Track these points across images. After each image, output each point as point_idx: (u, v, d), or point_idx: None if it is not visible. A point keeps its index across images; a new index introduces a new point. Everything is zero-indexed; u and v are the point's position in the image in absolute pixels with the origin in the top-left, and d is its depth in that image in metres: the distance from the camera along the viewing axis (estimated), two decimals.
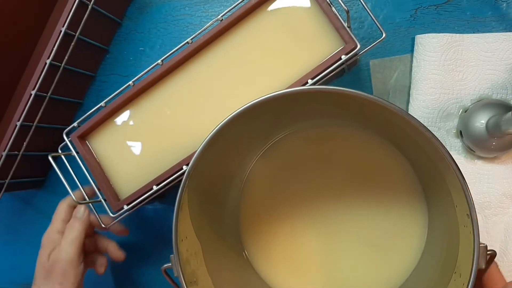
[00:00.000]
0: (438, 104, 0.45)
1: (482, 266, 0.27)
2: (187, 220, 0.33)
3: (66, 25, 0.45)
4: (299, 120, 0.40)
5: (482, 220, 0.44)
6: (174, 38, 0.52)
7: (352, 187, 0.41)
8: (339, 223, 0.41)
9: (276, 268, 0.41)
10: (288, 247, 0.42)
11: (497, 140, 0.42)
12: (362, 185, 0.41)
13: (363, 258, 0.40)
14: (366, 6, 0.38)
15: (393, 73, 0.47)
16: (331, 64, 0.38)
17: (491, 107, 0.42)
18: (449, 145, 0.45)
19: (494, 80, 0.44)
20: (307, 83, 0.38)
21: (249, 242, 0.42)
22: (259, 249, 0.42)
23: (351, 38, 0.37)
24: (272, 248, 0.42)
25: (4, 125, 0.50)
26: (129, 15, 0.53)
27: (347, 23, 0.38)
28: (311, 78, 0.38)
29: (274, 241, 0.42)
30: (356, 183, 0.41)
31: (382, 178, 0.40)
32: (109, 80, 0.54)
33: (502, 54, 0.43)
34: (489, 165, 0.44)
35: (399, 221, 0.39)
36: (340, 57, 0.38)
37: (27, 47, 0.51)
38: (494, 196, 0.44)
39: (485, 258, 0.27)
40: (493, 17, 0.45)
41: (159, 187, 0.41)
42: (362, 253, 0.40)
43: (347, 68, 0.45)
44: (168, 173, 0.41)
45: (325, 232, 0.41)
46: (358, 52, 0.37)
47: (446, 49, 0.44)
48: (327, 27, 0.39)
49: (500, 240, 0.44)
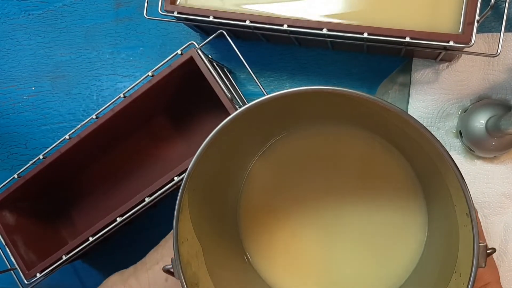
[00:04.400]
0: (437, 104, 0.45)
1: (482, 265, 0.27)
2: (188, 221, 0.33)
3: None
4: (299, 120, 0.40)
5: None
6: (174, 39, 0.52)
7: (352, 187, 0.41)
8: (339, 223, 0.41)
9: (277, 269, 0.41)
10: (289, 247, 0.42)
11: (496, 140, 0.42)
12: (362, 186, 0.41)
13: (363, 258, 0.40)
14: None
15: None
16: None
17: (491, 107, 0.42)
18: (449, 145, 0.45)
19: (493, 80, 0.44)
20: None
21: (250, 242, 0.42)
22: (260, 249, 0.42)
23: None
24: (272, 248, 0.42)
25: None
26: (130, 15, 0.53)
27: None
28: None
29: (275, 242, 0.42)
30: (356, 183, 0.41)
31: (382, 178, 0.40)
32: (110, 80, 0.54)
33: (502, 54, 0.43)
34: (488, 165, 0.44)
35: (399, 220, 0.39)
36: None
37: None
38: (493, 196, 0.44)
39: (485, 257, 0.27)
40: (492, 17, 0.45)
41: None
42: (362, 253, 0.40)
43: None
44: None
45: (325, 232, 0.41)
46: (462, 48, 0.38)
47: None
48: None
49: (499, 240, 0.44)
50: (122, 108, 0.43)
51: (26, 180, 0.46)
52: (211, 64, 0.42)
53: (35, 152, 0.55)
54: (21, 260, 0.45)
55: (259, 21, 0.41)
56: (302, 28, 0.40)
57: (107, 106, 0.44)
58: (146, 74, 0.43)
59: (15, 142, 0.56)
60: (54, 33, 0.55)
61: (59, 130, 0.55)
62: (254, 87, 0.50)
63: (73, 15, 0.55)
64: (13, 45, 0.56)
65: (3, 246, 0.46)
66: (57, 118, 0.55)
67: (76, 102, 0.55)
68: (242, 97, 0.49)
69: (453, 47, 0.38)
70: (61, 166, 0.46)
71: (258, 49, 0.50)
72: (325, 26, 0.40)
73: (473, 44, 0.37)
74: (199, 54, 0.42)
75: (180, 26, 0.52)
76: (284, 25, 0.40)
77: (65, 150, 0.45)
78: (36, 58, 0.56)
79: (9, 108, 0.56)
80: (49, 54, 0.55)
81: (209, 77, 0.41)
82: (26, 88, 0.56)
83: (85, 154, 0.48)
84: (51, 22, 0.55)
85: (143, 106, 0.44)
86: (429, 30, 0.38)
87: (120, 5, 0.54)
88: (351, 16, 0.41)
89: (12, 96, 0.56)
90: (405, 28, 0.38)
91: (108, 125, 0.44)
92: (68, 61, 0.55)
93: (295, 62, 0.49)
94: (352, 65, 0.48)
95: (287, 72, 0.50)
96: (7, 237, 0.46)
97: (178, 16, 0.43)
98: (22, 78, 0.56)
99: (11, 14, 0.56)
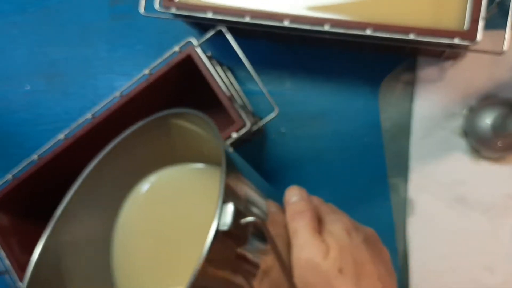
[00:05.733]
0: (442, 103, 0.44)
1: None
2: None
3: None
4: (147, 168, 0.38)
5: (487, 222, 0.44)
6: (172, 36, 0.51)
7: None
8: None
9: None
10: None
11: (502, 140, 0.42)
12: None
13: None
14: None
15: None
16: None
17: (497, 106, 0.42)
18: (454, 145, 0.45)
19: (500, 79, 0.43)
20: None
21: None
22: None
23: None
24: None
25: None
26: (126, 12, 0.53)
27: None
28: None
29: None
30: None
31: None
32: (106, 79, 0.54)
33: (508, 52, 0.43)
34: (494, 165, 0.44)
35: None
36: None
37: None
38: (499, 197, 0.43)
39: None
40: (498, 14, 0.44)
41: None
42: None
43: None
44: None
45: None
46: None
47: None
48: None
49: (506, 242, 0.43)
50: (119, 107, 0.43)
51: (21, 180, 0.45)
52: (210, 62, 0.41)
53: (30, 152, 0.54)
54: (15, 262, 0.44)
55: (259, 17, 0.40)
56: (304, 24, 0.40)
57: (103, 105, 0.43)
58: (143, 73, 0.42)
59: (10, 142, 0.55)
60: (49, 30, 0.55)
61: (55, 130, 0.54)
62: (254, 86, 0.50)
63: (69, 12, 0.54)
64: (8, 43, 0.55)
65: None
66: (53, 117, 0.54)
67: (72, 101, 0.54)
68: (242, 96, 0.48)
69: (458, 44, 0.37)
70: (56, 167, 0.46)
71: (258, 47, 0.49)
72: (327, 23, 0.39)
73: (479, 42, 0.37)
74: (197, 51, 0.41)
75: (177, 23, 0.51)
76: (285, 21, 0.40)
77: (61, 150, 0.44)
78: (31, 56, 0.55)
79: (3, 108, 0.55)
80: (44, 52, 0.55)
81: (208, 75, 0.41)
82: (21, 87, 0.55)
83: (81, 154, 0.47)
84: (46, 19, 0.55)
85: (140, 105, 0.44)
86: (433, 27, 0.38)
87: (116, 2, 0.53)
88: (354, 12, 0.40)
89: (6, 95, 0.55)
90: (410, 25, 0.38)
91: (105, 124, 0.43)
92: (64, 59, 0.54)
93: (296, 60, 0.49)
94: (354, 64, 0.47)
95: (288, 71, 0.49)
96: (1, 239, 0.45)
97: (176, 13, 0.43)
98: (17, 76, 0.55)
99: (5, 10, 0.56)
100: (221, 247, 0.23)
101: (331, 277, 0.27)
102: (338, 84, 0.48)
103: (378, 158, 0.47)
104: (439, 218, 0.45)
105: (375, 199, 0.47)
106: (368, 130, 0.47)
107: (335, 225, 0.29)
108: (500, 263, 0.43)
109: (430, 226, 0.45)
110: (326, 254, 0.27)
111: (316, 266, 0.27)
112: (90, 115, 0.43)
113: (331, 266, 0.27)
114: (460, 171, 0.44)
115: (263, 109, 0.49)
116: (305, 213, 0.29)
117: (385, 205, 0.47)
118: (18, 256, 0.45)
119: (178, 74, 0.44)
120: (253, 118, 0.44)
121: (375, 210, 0.47)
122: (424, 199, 0.45)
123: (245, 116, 0.41)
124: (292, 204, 0.30)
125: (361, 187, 0.47)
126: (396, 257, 0.46)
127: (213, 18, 0.41)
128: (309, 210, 0.30)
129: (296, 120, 0.48)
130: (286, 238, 0.29)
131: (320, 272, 0.27)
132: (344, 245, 0.28)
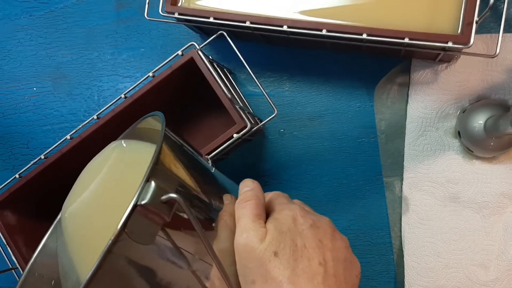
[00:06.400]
0: (436, 104, 0.45)
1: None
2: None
3: None
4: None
5: (480, 220, 0.44)
6: (175, 39, 0.52)
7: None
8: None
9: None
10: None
11: (495, 140, 0.42)
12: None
13: None
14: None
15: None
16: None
17: (490, 107, 0.43)
18: (447, 145, 0.45)
19: (492, 81, 0.44)
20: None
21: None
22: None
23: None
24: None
25: None
26: (131, 16, 0.54)
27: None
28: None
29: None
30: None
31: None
32: (111, 81, 0.54)
33: (500, 55, 0.43)
34: (487, 165, 0.44)
35: None
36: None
37: None
38: (492, 196, 0.44)
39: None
40: (491, 18, 0.45)
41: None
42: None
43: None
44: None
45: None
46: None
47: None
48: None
49: (499, 240, 0.44)
50: (123, 108, 0.43)
51: (28, 180, 0.46)
52: (212, 65, 0.42)
53: (37, 152, 0.55)
54: (22, 260, 0.45)
55: (259, 22, 0.41)
56: (302, 29, 0.41)
57: (108, 107, 0.44)
58: (147, 75, 0.43)
59: (17, 142, 0.56)
60: (55, 34, 0.56)
61: (60, 130, 0.55)
62: (254, 88, 0.51)
63: (74, 16, 0.55)
64: (15, 46, 0.57)
65: (4, 245, 0.46)
66: (59, 118, 0.55)
67: (77, 103, 0.55)
68: (243, 97, 0.49)
69: (452, 48, 0.38)
70: (62, 166, 0.46)
71: (258, 50, 0.50)
72: (324, 27, 0.40)
73: (472, 45, 0.37)
74: (199, 54, 0.42)
75: (180, 27, 0.52)
76: (284, 26, 0.41)
77: (66, 150, 0.45)
78: (37, 59, 0.56)
79: (10, 109, 0.56)
80: (50, 55, 0.56)
81: (210, 77, 0.42)
82: (27, 88, 0.56)
83: (86, 154, 0.47)
84: (52, 23, 0.56)
85: (144, 106, 0.44)
86: (428, 31, 0.39)
87: (121, 6, 0.54)
88: (350, 17, 0.41)
89: (13, 96, 0.56)
90: (404, 29, 0.39)
91: (109, 125, 0.44)
92: (70, 62, 0.55)
93: (295, 62, 0.50)
94: (351, 66, 0.48)
95: (287, 73, 0.50)
96: (8, 237, 0.46)
97: (179, 17, 0.43)
98: (23, 78, 0.56)
99: (12, 15, 0.57)
100: (142, 221, 0.24)
101: (266, 260, 0.27)
102: (335, 86, 0.48)
103: (373, 158, 0.48)
104: (433, 216, 0.45)
105: (371, 197, 0.48)
106: (364, 131, 0.48)
107: (282, 212, 0.30)
108: (493, 260, 0.44)
109: (424, 224, 0.45)
110: (263, 238, 0.27)
111: (251, 250, 0.27)
112: (95, 116, 0.44)
113: (266, 249, 0.27)
114: (454, 171, 0.45)
115: (263, 110, 0.50)
116: (250, 201, 0.30)
117: (380, 203, 0.47)
118: (25, 253, 0.46)
119: (180, 77, 0.44)
120: (253, 119, 0.45)
121: (370, 208, 0.48)
122: (418, 198, 0.45)
123: (245, 117, 0.42)
124: (240, 195, 0.31)
125: (357, 185, 0.48)
126: (391, 253, 0.47)
127: (215, 23, 0.42)
128: (254, 198, 0.30)
129: (294, 121, 0.49)
130: (232, 226, 0.30)
131: (255, 255, 0.27)
132: (284, 230, 0.28)
